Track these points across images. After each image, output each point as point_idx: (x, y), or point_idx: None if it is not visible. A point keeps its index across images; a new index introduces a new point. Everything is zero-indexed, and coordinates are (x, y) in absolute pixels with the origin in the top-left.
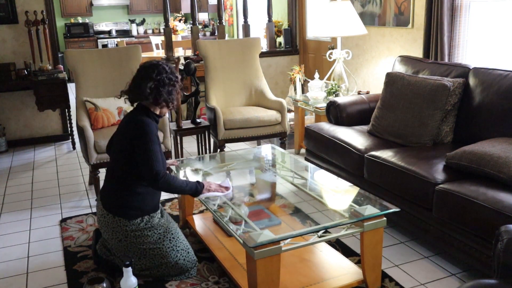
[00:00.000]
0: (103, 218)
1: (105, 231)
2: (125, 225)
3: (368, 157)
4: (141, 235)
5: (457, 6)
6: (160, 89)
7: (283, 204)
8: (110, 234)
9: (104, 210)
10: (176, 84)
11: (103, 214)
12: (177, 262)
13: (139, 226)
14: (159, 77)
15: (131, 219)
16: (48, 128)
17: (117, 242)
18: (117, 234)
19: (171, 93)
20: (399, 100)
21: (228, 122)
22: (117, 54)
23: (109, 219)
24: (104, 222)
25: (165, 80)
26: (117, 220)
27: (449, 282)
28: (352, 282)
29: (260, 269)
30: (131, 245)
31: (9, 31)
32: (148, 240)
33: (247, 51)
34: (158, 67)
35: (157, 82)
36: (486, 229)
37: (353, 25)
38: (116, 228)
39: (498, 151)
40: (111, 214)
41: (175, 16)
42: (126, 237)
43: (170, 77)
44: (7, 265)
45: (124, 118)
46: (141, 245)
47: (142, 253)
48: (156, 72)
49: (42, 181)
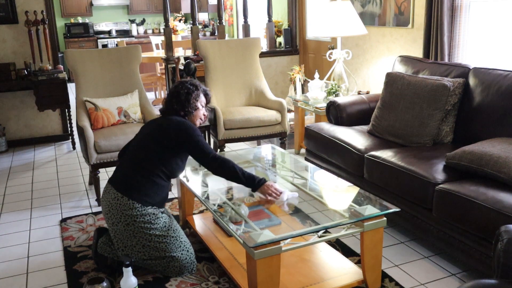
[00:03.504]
0: (115, 201)
1: (114, 214)
2: (137, 209)
3: (368, 157)
4: (149, 221)
5: (457, 6)
6: (172, 100)
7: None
8: (119, 217)
9: (119, 193)
10: (192, 93)
11: (116, 197)
12: (178, 257)
13: (150, 213)
14: (174, 90)
15: (144, 205)
16: (48, 128)
17: (125, 226)
18: (127, 217)
19: (188, 102)
20: (399, 100)
21: (228, 122)
22: (117, 54)
23: (123, 201)
24: (116, 205)
25: (179, 91)
26: (131, 203)
27: (449, 282)
28: (352, 282)
29: (260, 269)
30: (137, 230)
31: (9, 31)
32: (155, 227)
33: (247, 51)
34: (177, 83)
35: (170, 95)
36: (486, 229)
37: (353, 25)
38: (128, 211)
39: (498, 151)
40: (126, 196)
41: (175, 16)
42: (135, 221)
43: (186, 86)
44: (7, 265)
45: (157, 120)
46: (148, 231)
47: (146, 240)
48: (174, 87)
49: (42, 181)
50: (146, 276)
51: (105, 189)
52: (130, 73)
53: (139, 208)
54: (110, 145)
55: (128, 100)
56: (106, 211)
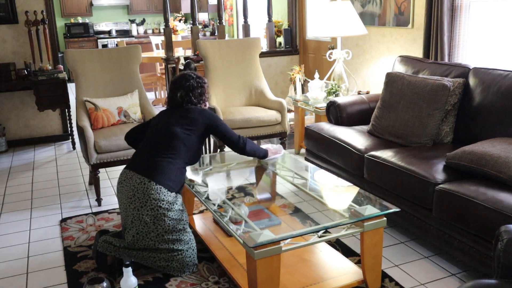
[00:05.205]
0: (141, 185)
1: (139, 198)
2: (164, 194)
3: (368, 157)
4: (170, 208)
5: (457, 6)
6: (189, 94)
7: (283, 204)
8: (145, 201)
9: (145, 178)
10: (204, 85)
11: (142, 181)
12: (183, 253)
13: (173, 199)
14: (188, 84)
15: (169, 191)
16: (48, 128)
17: (149, 210)
18: (153, 201)
19: (202, 94)
20: (399, 100)
21: (228, 122)
22: (117, 54)
23: (151, 186)
24: (142, 189)
25: (193, 84)
26: (158, 188)
27: (449, 282)
28: (352, 282)
29: (260, 269)
30: (159, 217)
31: (9, 31)
32: (173, 214)
33: (247, 51)
34: (185, 76)
35: (187, 88)
36: (486, 229)
37: (353, 25)
38: (155, 195)
39: (498, 151)
40: (153, 181)
41: (175, 16)
42: (160, 206)
43: (198, 81)
44: (7, 265)
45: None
46: (167, 219)
47: (162, 230)
48: (184, 80)
49: (42, 181)
50: (146, 276)
51: (124, 176)
52: (130, 73)
53: (165, 193)
54: (110, 145)
55: (128, 100)
56: (129, 195)
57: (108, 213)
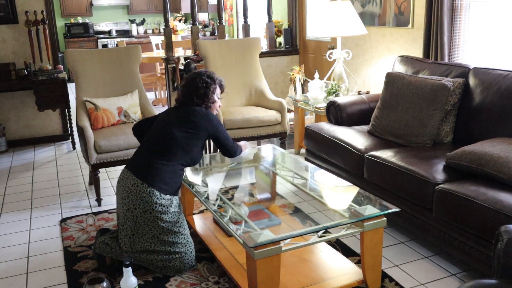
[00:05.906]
0: (135, 187)
1: (132, 200)
2: (156, 196)
3: (368, 157)
4: (165, 211)
5: (457, 6)
6: (192, 93)
7: (283, 204)
8: (138, 203)
9: (139, 179)
10: (211, 87)
11: (135, 183)
12: (181, 256)
13: (167, 202)
14: (194, 82)
15: (163, 194)
16: (48, 128)
17: (142, 212)
18: (145, 204)
19: (206, 96)
20: (399, 100)
21: (228, 122)
22: (117, 54)
23: (143, 189)
24: (135, 191)
25: (198, 84)
26: (150, 191)
27: (449, 282)
28: (352, 282)
29: (260, 269)
30: (153, 219)
31: (9, 31)
32: (167, 217)
33: (247, 51)
34: (196, 73)
35: (190, 87)
36: (486, 229)
37: (353, 25)
38: (147, 198)
39: (498, 151)
40: (146, 184)
41: (175, 16)
42: (153, 209)
43: (205, 80)
44: (7, 265)
45: (180, 110)
46: (161, 222)
47: (157, 232)
48: (191, 78)
49: (42, 181)
50: (146, 276)
51: (122, 175)
52: (130, 73)
53: (158, 195)
54: (110, 145)
55: (128, 100)
56: (124, 196)
57: (108, 213)
